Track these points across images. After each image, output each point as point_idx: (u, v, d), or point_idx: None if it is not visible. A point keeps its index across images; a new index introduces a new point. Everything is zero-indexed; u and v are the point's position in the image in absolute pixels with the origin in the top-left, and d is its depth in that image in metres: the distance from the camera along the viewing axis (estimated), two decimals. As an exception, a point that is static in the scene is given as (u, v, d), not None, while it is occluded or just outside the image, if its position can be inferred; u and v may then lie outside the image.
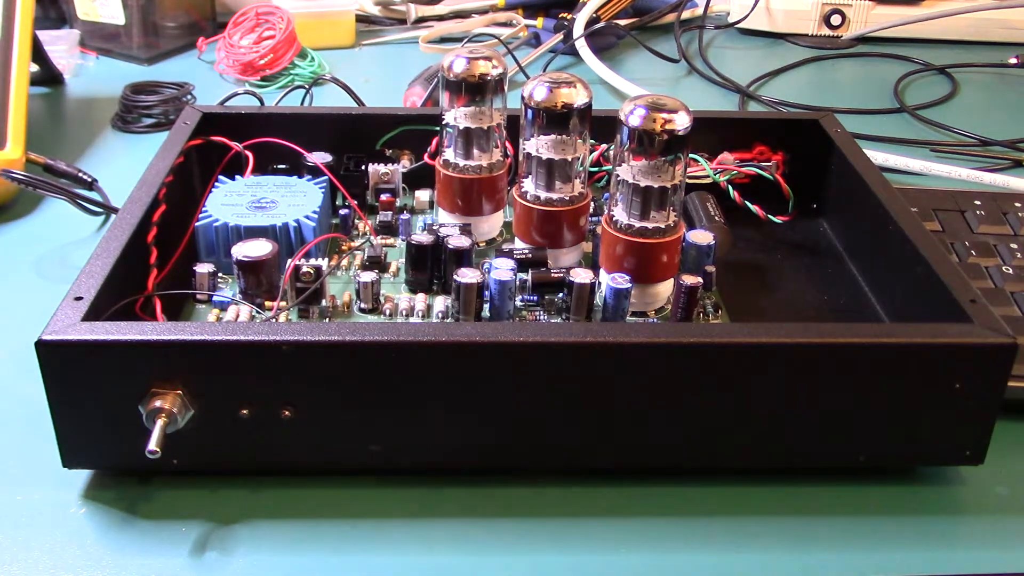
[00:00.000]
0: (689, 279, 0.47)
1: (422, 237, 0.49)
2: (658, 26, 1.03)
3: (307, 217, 0.50)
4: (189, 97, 0.78)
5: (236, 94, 0.60)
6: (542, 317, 0.47)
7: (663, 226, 0.47)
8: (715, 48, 1.00)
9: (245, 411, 0.39)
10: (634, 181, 0.47)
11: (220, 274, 0.49)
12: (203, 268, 0.48)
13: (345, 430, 0.40)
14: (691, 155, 0.56)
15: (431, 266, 0.49)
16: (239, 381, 0.39)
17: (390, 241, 0.54)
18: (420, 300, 0.48)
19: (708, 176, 0.57)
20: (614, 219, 0.48)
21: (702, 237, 0.50)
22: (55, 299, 0.40)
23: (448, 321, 0.47)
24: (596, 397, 0.40)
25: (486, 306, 0.46)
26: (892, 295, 0.51)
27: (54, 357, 0.38)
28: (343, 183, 0.55)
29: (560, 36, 0.93)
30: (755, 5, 1.01)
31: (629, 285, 0.46)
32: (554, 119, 0.49)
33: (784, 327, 0.41)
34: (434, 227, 0.51)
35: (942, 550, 0.40)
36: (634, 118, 0.46)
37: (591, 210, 0.52)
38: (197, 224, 0.50)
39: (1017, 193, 0.61)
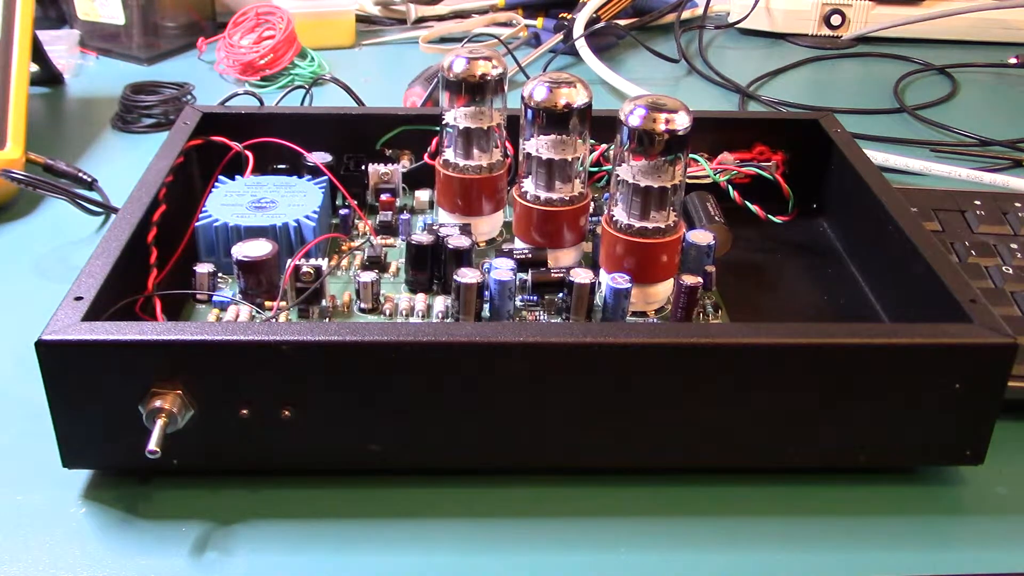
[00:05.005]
0: (689, 279, 0.47)
1: (422, 237, 0.49)
2: (658, 26, 1.03)
3: (307, 217, 0.50)
4: (189, 97, 0.78)
5: (236, 94, 0.60)
6: (542, 317, 0.47)
7: (663, 226, 0.47)
8: (715, 48, 1.00)
9: (245, 411, 0.39)
10: (634, 181, 0.47)
11: (220, 274, 0.49)
12: (203, 268, 0.48)
13: (345, 430, 0.40)
14: (691, 155, 0.56)
15: (431, 266, 0.49)
16: (239, 381, 0.39)
17: (390, 241, 0.54)
18: (420, 300, 0.48)
19: (708, 176, 0.57)
20: (614, 219, 0.48)
21: (702, 237, 0.50)
22: (55, 299, 0.40)
23: (448, 321, 0.47)
24: (596, 397, 0.40)
25: (486, 306, 0.46)
26: (892, 295, 0.51)
27: (54, 357, 0.38)
28: (343, 183, 0.55)
29: (560, 36, 0.93)
30: (755, 5, 1.01)
31: (629, 285, 0.46)
32: (554, 119, 0.49)
33: (784, 327, 0.41)
34: (434, 227, 0.51)
35: (942, 550, 0.40)
36: (634, 118, 0.46)
37: (591, 210, 0.52)
38: (197, 224, 0.50)
39: (1017, 193, 0.61)
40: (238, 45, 0.85)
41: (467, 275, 0.45)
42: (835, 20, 1.01)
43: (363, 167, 0.57)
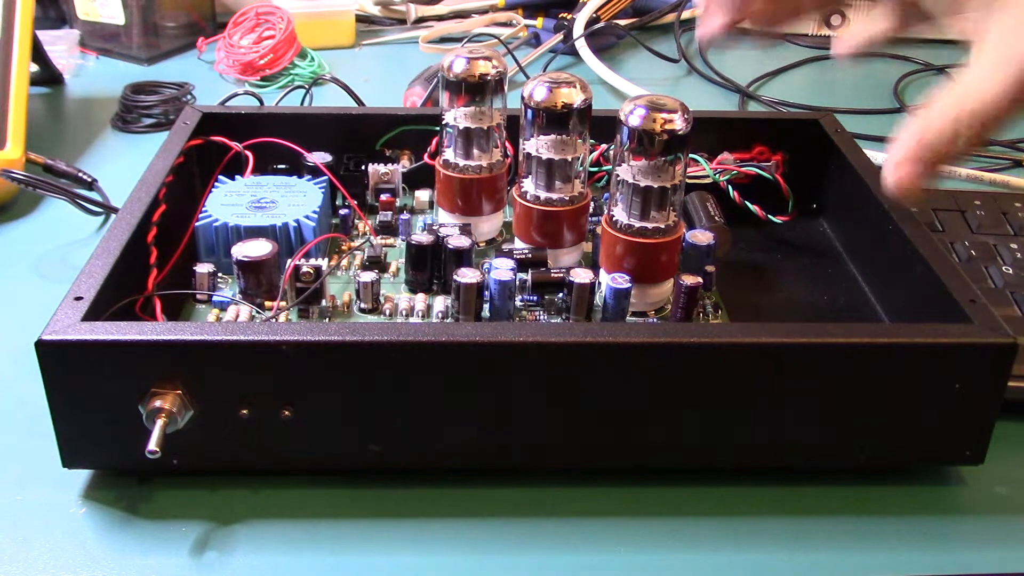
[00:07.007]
0: (689, 279, 0.47)
1: (422, 237, 0.49)
2: (658, 26, 1.03)
3: (307, 217, 0.50)
4: (189, 97, 0.78)
5: (236, 94, 0.60)
6: (542, 317, 0.47)
7: (663, 226, 0.47)
8: (715, 48, 1.00)
9: (245, 411, 0.39)
10: (634, 181, 0.47)
11: (220, 274, 0.49)
12: (203, 268, 0.48)
13: (345, 430, 0.40)
14: (691, 155, 0.56)
15: (431, 266, 0.49)
16: (239, 381, 0.39)
17: (390, 241, 0.54)
18: (420, 300, 0.48)
19: (708, 176, 0.57)
20: (614, 219, 0.48)
21: (702, 237, 0.50)
22: (55, 299, 0.40)
23: (448, 321, 0.47)
24: (596, 397, 0.40)
25: (486, 306, 0.46)
26: (892, 295, 0.51)
27: (54, 357, 0.38)
28: (343, 183, 0.55)
29: (560, 36, 0.93)
30: (755, 5, 1.00)
31: (629, 285, 0.46)
32: (554, 119, 0.49)
33: (784, 327, 0.41)
34: (434, 227, 0.51)
35: (942, 550, 0.40)
36: (634, 118, 0.46)
37: (591, 210, 0.52)
38: (197, 224, 0.50)
39: (1017, 193, 0.61)
40: (238, 45, 0.85)
41: (467, 275, 0.45)
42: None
43: (363, 167, 0.57)
